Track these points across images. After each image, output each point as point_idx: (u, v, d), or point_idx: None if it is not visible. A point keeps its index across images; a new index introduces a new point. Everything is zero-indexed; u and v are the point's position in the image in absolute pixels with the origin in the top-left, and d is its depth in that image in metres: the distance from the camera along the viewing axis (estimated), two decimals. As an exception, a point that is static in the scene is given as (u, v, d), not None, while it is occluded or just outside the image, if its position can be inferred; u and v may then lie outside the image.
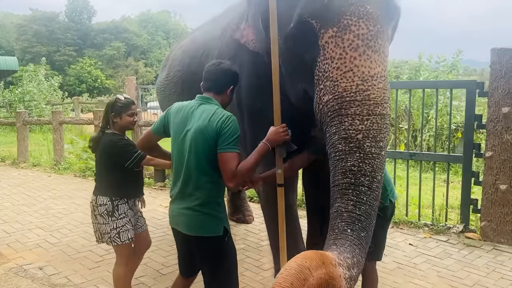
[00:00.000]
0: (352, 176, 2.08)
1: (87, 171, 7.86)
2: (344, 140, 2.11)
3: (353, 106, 2.10)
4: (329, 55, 2.15)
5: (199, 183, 2.30)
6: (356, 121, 2.10)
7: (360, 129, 2.09)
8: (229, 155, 2.24)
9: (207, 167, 2.30)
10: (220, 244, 2.36)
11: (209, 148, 2.27)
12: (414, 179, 5.69)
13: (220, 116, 2.28)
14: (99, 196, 2.96)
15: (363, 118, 2.10)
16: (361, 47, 2.10)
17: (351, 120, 2.10)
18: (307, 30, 2.21)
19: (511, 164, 4.46)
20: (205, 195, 2.31)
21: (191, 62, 3.74)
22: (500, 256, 4.27)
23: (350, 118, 2.10)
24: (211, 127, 2.26)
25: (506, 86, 4.42)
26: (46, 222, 5.27)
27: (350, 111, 2.10)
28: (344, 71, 2.11)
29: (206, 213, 2.32)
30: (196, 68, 3.53)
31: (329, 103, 2.17)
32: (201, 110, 2.36)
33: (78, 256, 4.25)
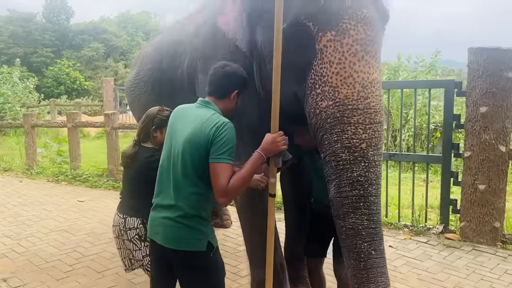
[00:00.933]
0: (360, 187, 2.11)
1: (60, 176, 7.63)
2: (347, 150, 2.11)
3: (356, 115, 2.10)
4: (328, 59, 2.12)
5: (185, 193, 2.09)
6: (359, 130, 2.10)
7: (364, 138, 2.10)
8: (221, 166, 2.01)
9: (195, 177, 2.07)
10: (202, 260, 2.14)
11: (199, 157, 2.05)
12: (393, 179, 5.64)
13: (214, 122, 2.05)
14: (128, 219, 2.69)
15: (366, 127, 2.10)
16: (360, 52, 2.09)
17: (354, 129, 2.10)
18: (303, 32, 2.17)
19: (490, 164, 4.44)
20: (190, 207, 2.08)
21: (162, 60, 3.62)
22: (480, 256, 4.25)
23: (353, 127, 2.10)
24: (203, 134, 2.03)
25: (483, 85, 4.40)
26: (14, 230, 5.05)
27: (353, 120, 2.10)
28: (344, 76, 2.09)
29: (188, 226, 2.09)
30: (167, 66, 3.45)
31: (328, 109, 2.13)
32: (196, 114, 2.14)
33: (46, 266, 4.05)
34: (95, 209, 5.85)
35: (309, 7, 2.16)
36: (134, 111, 4.32)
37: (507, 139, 4.44)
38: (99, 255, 4.28)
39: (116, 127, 7.20)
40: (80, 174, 7.50)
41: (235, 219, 5.16)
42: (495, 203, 4.48)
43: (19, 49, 35.46)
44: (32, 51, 36.86)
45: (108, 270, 3.96)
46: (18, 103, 16.80)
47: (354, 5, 2.11)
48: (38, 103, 20.09)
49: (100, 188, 7.00)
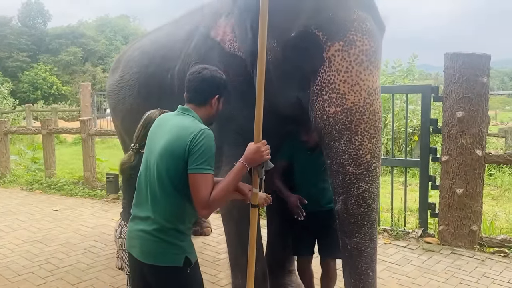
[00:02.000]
0: (365, 205, 2.29)
1: (35, 184, 7.43)
2: (354, 162, 2.25)
3: (363, 123, 2.22)
4: (335, 67, 2.20)
5: (161, 206, 1.98)
6: (365, 139, 2.23)
7: (369, 149, 2.24)
8: (201, 177, 1.90)
9: (172, 188, 1.97)
10: (179, 276, 2.03)
11: (175, 167, 1.94)
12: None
13: (190, 130, 1.94)
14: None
15: (371, 136, 2.24)
16: (365, 62, 2.20)
17: (361, 139, 2.23)
18: (311, 40, 2.24)
19: (467, 168, 4.47)
20: (166, 221, 1.98)
21: (150, 64, 3.57)
22: (458, 260, 4.27)
23: (360, 137, 2.22)
24: (180, 143, 1.93)
25: (459, 90, 4.43)
26: (-15, 241, 4.88)
27: (360, 128, 2.22)
28: (351, 84, 2.19)
29: (164, 240, 1.98)
30: (155, 70, 3.44)
31: (336, 115, 2.23)
32: (173, 123, 2.04)
33: (18, 279, 3.91)
34: (70, 218, 5.70)
35: (319, 17, 2.24)
36: (117, 114, 4.20)
37: (483, 143, 4.49)
38: (74, 266, 4.15)
39: (92, 134, 7.06)
40: (55, 182, 7.32)
41: (215, 226, 5.11)
42: (473, 207, 4.51)
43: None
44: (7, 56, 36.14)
45: (82, 282, 3.84)
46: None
47: (359, 18, 2.22)
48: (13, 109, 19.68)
49: (75, 196, 6.84)
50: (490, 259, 4.30)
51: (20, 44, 37.01)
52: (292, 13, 2.34)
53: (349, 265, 2.42)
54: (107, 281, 3.85)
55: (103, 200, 6.54)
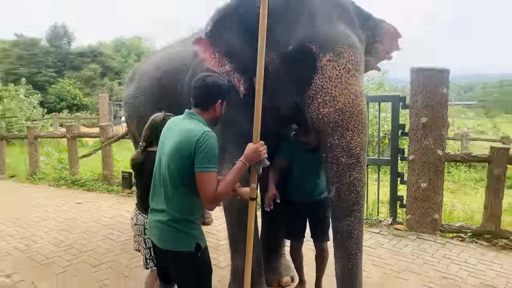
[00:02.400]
0: (355, 191, 2.31)
1: (61, 181, 7.37)
2: (346, 154, 2.27)
3: (352, 120, 2.25)
4: (327, 75, 2.23)
5: (173, 200, 1.99)
6: (355, 134, 2.26)
7: (358, 142, 2.27)
8: (207, 175, 1.89)
9: (181, 186, 1.96)
10: (191, 259, 2.04)
11: (183, 167, 1.92)
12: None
13: (196, 133, 1.92)
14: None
15: (359, 131, 2.27)
16: (352, 70, 2.25)
17: (351, 134, 2.26)
18: (306, 52, 2.27)
19: (430, 165, 4.51)
20: (178, 212, 1.98)
21: (162, 77, 3.54)
22: (423, 244, 4.29)
23: (350, 132, 2.25)
24: (186, 145, 1.91)
25: (423, 100, 4.47)
26: (18, 230, 4.81)
27: (350, 125, 2.25)
28: (341, 88, 2.23)
29: (177, 229, 1.99)
30: (167, 82, 3.42)
31: (330, 114, 2.26)
32: (181, 127, 2.02)
33: (46, 262, 3.87)
34: (91, 210, 5.67)
35: (312, 33, 2.28)
36: (132, 120, 4.17)
37: (443, 144, 4.53)
38: (94, 251, 4.13)
39: (110, 138, 7.01)
40: (78, 179, 7.29)
41: (215, 217, 5.09)
42: (435, 198, 4.54)
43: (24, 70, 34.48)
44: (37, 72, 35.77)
45: (102, 264, 3.82)
46: (24, 117, 16.27)
47: (345, 34, 2.29)
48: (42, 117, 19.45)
49: (95, 191, 6.81)
50: (450, 243, 4.33)
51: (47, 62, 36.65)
52: (289, 30, 2.35)
53: (340, 247, 2.40)
54: (124, 263, 3.83)
55: (119, 195, 6.52)
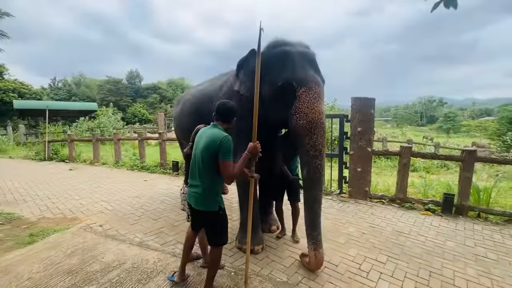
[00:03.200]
0: (318, 171, 2.34)
1: (134, 167, 7.32)
2: (313, 148, 2.32)
3: (318, 128, 2.30)
4: (302, 100, 2.30)
5: (204, 178, 2.02)
6: (318, 137, 2.31)
7: (320, 142, 2.31)
8: (227, 163, 1.95)
9: (209, 169, 2.01)
10: (216, 216, 2.08)
11: (211, 158, 1.98)
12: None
13: (220, 136, 1.97)
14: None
15: (321, 135, 2.32)
16: (317, 97, 2.31)
17: (316, 137, 2.30)
18: (289, 86, 2.32)
19: (363, 158, 4.48)
20: (208, 186, 2.02)
21: (197, 102, 3.50)
22: (359, 206, 4.27)
23: (316, 136, 2.30)
24: (214, 144, 1.96)
25: (359, 116, 4.45)
26: (107, 197, 4.77)
27: (316, 131, 2.30)
28: (310, 108, 2.29)
29: (207, 197, 2.03)
30: (201, 106, 3.37)
31: (303, 124, 2.30)
32: (209, 132, 2.06)
33: (125, 217, 3.84)
34: (153, 184, 5.62)
35: (293, 75, 2.33)
36: (177, 131, 4.14)
37: (371, 144, 4.50)
38: (155, 210, 4.09)
39: (164, 140, 6.98)
40: (145, 166, 7.24)
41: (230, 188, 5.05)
42: (366, 178, 4.51)
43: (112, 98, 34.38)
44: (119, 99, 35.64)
45: (160, 218, 3.78)
46: (111, 127, 16.20)
47: (313, 76, 2.35)
48: (122, 127, 19.39)
49: (156, 173, 6.76)
50: (375, 205, 4.31)
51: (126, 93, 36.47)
52: (279, 72, 2.39)
53: (307, 207, 2.42)
54: (173, 217, 3.80)
55: (170, 175, 6.46)
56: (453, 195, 4.02)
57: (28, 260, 2.69)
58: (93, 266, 2.58)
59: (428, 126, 44.61)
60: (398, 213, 3.99)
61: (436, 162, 8.80)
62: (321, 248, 2.45)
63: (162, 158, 7.07)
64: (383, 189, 5.12)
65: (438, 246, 3.07)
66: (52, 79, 37.43)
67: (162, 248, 2.94)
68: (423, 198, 4.34)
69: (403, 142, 11.92)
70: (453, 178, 6.73)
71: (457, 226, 3.57)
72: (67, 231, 3.34)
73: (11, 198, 4.74)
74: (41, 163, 8.31)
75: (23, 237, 3.19)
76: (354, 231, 3.38)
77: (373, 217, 3.82)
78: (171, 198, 4.66)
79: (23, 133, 14.56)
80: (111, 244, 3.01)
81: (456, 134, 30.57)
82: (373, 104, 4.46)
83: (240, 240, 2.93)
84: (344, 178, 4.86)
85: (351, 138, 4.58)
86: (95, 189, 5.28)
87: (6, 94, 20.07)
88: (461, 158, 3.98)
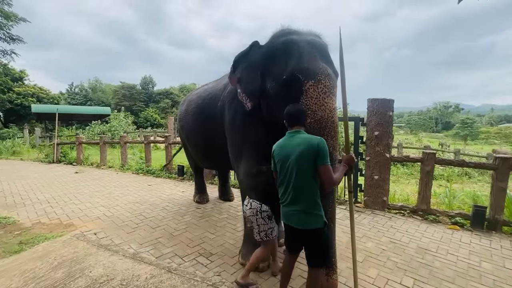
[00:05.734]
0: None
1: (140, 170, 7.14)
2: None
3: (327, 128, 2.00)
4: (310, 95, 2.01)
5: (305, 193, 1.80)
6: (329, 138, 2.00)
7: (331, 144, 2.01)
8: (327, 167, 1.76)
9: (311, 179, 1.78)
10: (321, 233, 1.80)
11: (310, 164, 1.76)
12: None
13: (315, 141, 1.77)
14: (263, 205, 2.22)
15: (332, 136, 2.02)
16: (327, 92, 2.01)
17: (325, 138, 1.98)
18: (295, 80, 2.04)
19: (380, 164, 4.09)
20: (311, 201, 1.80)
21: (203, 102, 3.29)
22: (376, 217, 3.87)
23: (325, 136, 1.98)
24: (312, 148, 1.75)
25: (376, 120, 4.08)
26: (107, 202, 4.55)
27: (326, 131, 2.00)
28: (319, 105, 1.99)
29: (312, 213, 1.79)
30: (206, 106, 3.16)
31: (311, 123, 2.01)
32: (297, 141, 1.82)
33: (122, 224, 3.58)
34: (156, 189, 5.39)
35: (299, 67, 2.04)
36: (182, 131, 3.92)
37: (389, 150, 4.10)
38: (155, 217, 3.82)
39: (171, 143, 6.78)
40: (150, 170, 7.05)
41: (237, 196, 4.75)
42: (383, 186, 4.11)
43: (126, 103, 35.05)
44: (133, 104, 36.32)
45: (159, 226, 3.50)
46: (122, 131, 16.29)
47: (323, 67, 2.04)
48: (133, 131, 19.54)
49: (161, 177, 6.55)
50: (395, 217, 3.89)
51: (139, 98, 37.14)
52: (284, 65, 2.10)
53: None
54: (173, 226, 3.52)
55: (175, 180, 6.23)
56: (485, 208, 3.55)
57: (10, 272, 2.45)
58: (77, 282, 2.30)
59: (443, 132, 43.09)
60: (421, 226, 3.56)
61: (457, 170, 8.19)
62: (335, 273, 2.07)
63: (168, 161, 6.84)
64: (401, 199, 4.67)
65: (472, 268, 2.63)
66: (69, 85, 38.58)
67: (157, 262, 2.64)
68: (448, 210, 3.88)
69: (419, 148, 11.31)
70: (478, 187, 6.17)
71: (492, 244, 3.11)
72: (59, 239, 3.11)
73: (11, 201, 4.59)
74: (49, 166, 8.27)
75: (12, 245, 2.97)
76: (373, 246, 2.99)
77: (393, 230, 3.41)
78: (173, 205, 4.38)
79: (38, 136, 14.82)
80: (102, 256, 2.73)
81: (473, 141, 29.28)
82: (391, 105, 4.07)
83: (244, 255, 2.59)
84: (359, 186, 4.46)
85: (367, 143, 4.19)
86: (96, 193, 5.08)
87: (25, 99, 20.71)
88: (493, 166, 3.52)
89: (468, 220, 3.64)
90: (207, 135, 3.14)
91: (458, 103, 56.25)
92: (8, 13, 12.98)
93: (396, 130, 41.06)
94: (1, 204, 4.40)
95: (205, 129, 3.16)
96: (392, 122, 4.11)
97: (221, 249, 2.90)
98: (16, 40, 14.09)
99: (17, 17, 13.37)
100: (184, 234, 3.25)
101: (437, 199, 4.67)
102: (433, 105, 55.65)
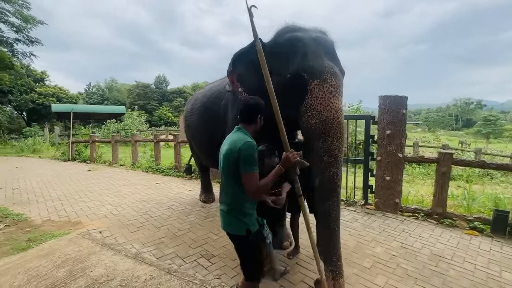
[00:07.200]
0: (333, 182, 1.96)
1: (149, 169, 7.21)
2: (328, 154, 1.94)
3: (332, 129, 1.91)
4: (315, 95, 1.93)
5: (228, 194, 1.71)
6: (334, 140, 1.92)
7: (337, 146, 1.93)
8: (248, 175, 1.59)
9: (233, 183, 1.66)
10: (244, 241, 1.70)
11: (233, 168, 1.64)
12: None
13: (239, 142, 1.62)
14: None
15: (338, 137, 1.93)
16: (333, 92, 1.93)
17: (331, 140, 1.92)
18: (300, 78, 1.97)
19: (392, 164, 3.89)
20: (233, 203, 1.69)
21: (207, 101, 3.28)
22: (387, 220, 3.69)
23: (331, 138, 1.92)
24: (233, 151, 1.61)
25: (387, 118, 3.88)
26: (115, 200, 4.60)
27: (331, 133, 1.92)
28: (325, 105, 1.91)
29: (233, 216, 1.70)
30: (210, 105, 3.16)
31: (316, 124, 1.94)
32: (231, 138, 1.71)
33: (127, 223, 3.59)
34: (164, 188, 5.41)
35: (304, 65, 1.96)
36: (188, 129, 3.91)
37: (402, 149, 3.89)
38: (160, 216, 3.82)
39: (179, 142, 6.80)
40: (160, 168, 7.11)
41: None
42: (395, 188, 3.91)
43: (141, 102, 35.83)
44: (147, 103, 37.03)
45: (163, 226, 3.49)
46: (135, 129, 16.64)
47: (329, 65, 1.95)
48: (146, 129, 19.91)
49: (169, 175, 6.58)
50: (407, 220, 3.69)
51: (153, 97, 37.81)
52: (288, 63, 2.01)
53: (321, 224, 2.01)
54: (177, 226, 3.49)
55: (183, 179, 6.24)
56: (508, 213, 3.30)
57: (15, 270, 2.49)
58: (78, 282, 2.31)
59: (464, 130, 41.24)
60: (436, 231, 3.35)
61: (478, 170, 7.75)
62: (341, 277, 1.97)
63: (176, 160, 6.88)
64: (416, 201, 4.44)
65: (492, 278, 2.43)
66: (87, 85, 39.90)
67: (158, 263, 2.61)
68: (466, 214, 3.64)
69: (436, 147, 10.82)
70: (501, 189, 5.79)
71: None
72: (66, 237, 3.15)
73: (25, 198, 4.74)
74: (64, 164, 8.53)
75: (21, 242, 3.04)
76: (382, 252, 2.84)
77: (404, 234, 3.23)
78: (179, 204, 4.36)
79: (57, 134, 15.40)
80: (105, 255, 2.74)
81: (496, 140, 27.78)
82: (405, 103, 3.85)
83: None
84: (370, 187, 4.27)
85: (379, 142, 4.00)
86: (106, 191, 5.15)
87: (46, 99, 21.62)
88: (517, 168, 3.25)
89: (488, 225, 3.39)
90: (210, 133, 3.10)
91: (480, 99, 53.59)
92: (27, 16, 13.47)
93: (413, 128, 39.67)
94: (16, 201, 4.55)
95: (209, 127, 3.13)
96: (406, 120, 3.89)
97: (223, 251, 2.84)
98: (34, 43, 14.63)
99: (35, 20, 13.86)
100: (187, 234, 3.22)
101: (454, 202, 4.40)
102: (453, 101, 53.35)
